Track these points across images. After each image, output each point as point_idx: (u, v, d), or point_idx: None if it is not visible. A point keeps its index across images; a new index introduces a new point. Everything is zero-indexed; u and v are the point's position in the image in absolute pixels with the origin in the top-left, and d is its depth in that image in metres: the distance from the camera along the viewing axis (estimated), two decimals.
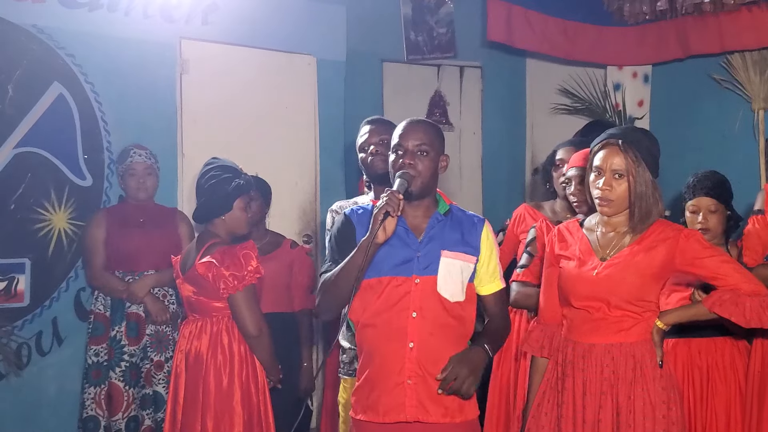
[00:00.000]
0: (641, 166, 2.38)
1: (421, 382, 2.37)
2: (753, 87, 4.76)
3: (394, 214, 2.26)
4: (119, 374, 3.82)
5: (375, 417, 2.39)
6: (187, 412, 3.15)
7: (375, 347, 2.41)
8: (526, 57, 6.08)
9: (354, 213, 2.51)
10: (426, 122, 2.55)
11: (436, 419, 2.37)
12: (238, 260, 3.09)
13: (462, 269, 2.43)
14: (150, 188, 4.06)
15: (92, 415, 3.82)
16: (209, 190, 3.18)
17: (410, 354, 2.37)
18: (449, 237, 2.45)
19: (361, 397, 2.45)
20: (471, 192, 6.05)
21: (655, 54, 5.14)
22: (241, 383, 3.16)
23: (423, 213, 2.47)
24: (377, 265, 2.39)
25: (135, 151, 4.03)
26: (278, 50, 4.94)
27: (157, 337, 3.91)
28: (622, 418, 2.34)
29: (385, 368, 2.39)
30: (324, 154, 5.11)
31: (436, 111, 5.92)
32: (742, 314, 2.33)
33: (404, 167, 2.41)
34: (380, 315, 2.40)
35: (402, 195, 2.31)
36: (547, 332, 2.55)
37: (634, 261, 2.38)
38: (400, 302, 2.38)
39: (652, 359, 2.37)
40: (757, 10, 4.52)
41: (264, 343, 3.18)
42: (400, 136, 2.47)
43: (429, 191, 2.47)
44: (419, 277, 2.39)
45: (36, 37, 4.08)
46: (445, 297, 2.40)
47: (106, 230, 3.95)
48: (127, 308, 3.88)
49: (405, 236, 2.43)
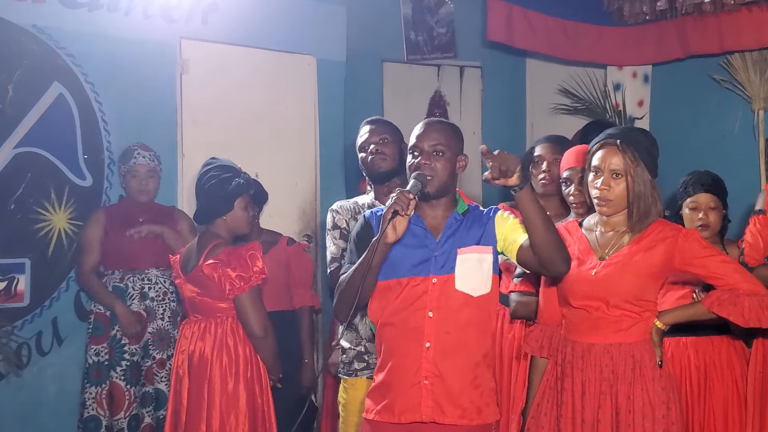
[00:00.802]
0: (639, 166, 2.38)
1: (438, 382, 2.36)
2: (753, 87, 4.76)
3: (403, 213, 2.25)
4: (120, 373, 3.83)
5: (390, 417, 2.38)
6: (191, 413, 3.15)
7: (392, 346, 2.41)
8: (526, 57, 6.08)
9: (373, 215, 2.51)
10: (443, 122, 2.54)
11: (453, 421, 2.35)
12: (245, 261, 3.09)
13: (480, 261, 2.41)
14: (152, 190, 4.07)
15: (93, 414, 3.82)
16: (210, 191, 3.18)
17: (427, 354, 2.36)
18: (467, 236, 2.44)
19: (376, 398, 2.43)
20: (471, 192, 6.04)
21: (655, 54, 5.14)
22: (247, 384, 3.17)
23: (442, 213, 2.47)
24: (396, 266, 2.40)
25: (139, 152, 4.03)
26: (278, 50, 4.93)
27: (159, 335, 3.91)
28: (621, 418, 2.34)
29: (402, 368, 2.38)
30: (324, 154, 5.10)
31: (436, 111, 5.91)
32: (741, 314, 2.34)
33: (420, 168, 2.41)
34: (398, 314, 2.39)
35: (414, 195, 2.29)
36: (547, 332, 2.55)
37: (632, 260, 2.38)
38: (418, 302, 2.38)
39: (651, 359, 2.37)
40: (757, 10, 4.52)
41: (269, 344, 3.19)
42: (417, 137, 2.46)
43: (446, 191, 2.46)
44: (436, 276, 2.39)
45: (36, 37, 4.08)
46: (467, 292, 2.39)
47: (104, 229, 3.96)
48: (128, 306, 3.88)
49: (423, 237, 2.43)
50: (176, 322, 3.94)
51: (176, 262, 3.32)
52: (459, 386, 2.36)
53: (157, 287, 3.95)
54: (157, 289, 3.95)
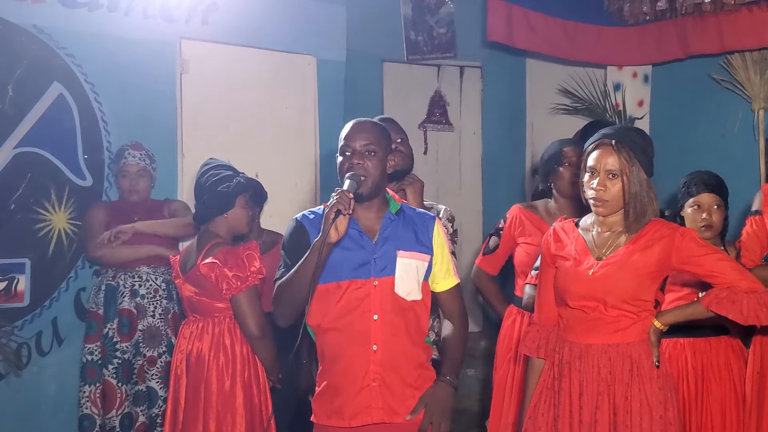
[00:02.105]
0: (635, 166, 2.38)
1: (385, 384, 2.39)
2: (753, 87, 4.75)
3: (345, 212, 2.26)
4: (112, 371, 3.83)
5: (341, 422, 2.41)
6: (188, 413, 3.15)
7: (338, 351, 2.42)
8: (526, 57, 6.08)
9: (305, 218, 2.50)
10: (372, 122, 2.52)
11: (401, 420, 2.40)
12: (242, 261, 3.09)
13: (418, 268, 2.46)
14: (142, 190, 4.06)
15: (87, 413, 3.83)
16: (211, 188, 3.18)
17: (374, 356, 2.39)
18: (403, 236, 2.46)
19: (324, 402, 2.46)
20: (471, 192, 6.06)
21: (655, 54, 5.13)
22: (244, 384, 3.17)
23: (375, 214, 2.48)
24: (335, 269, 2.40)
25: (129, 152, 4.03)
26: (278, 50, 4.94)
27: (150, 332, 3.91)
28: (619, 418, 2.34)
29: (350, 372, 2.40)
30: (324, 154, 5.11)
31: (436, 111, 5.92)
32: (740, 312, 2.33)
33: (353, 168, 2.40)
34: (342, 318, 2.41)
35: (353, 195, 2.30)
36: (543, 333, 2.55)
37: (630, 260, 2.38)
38: (361, 305, 2.40)
39: (649, 359, 2.37)
40: (757, 10, 4.51)
41: (266, 344, 3.18)
42: (347, 137, 2.45)
43: (379, 191, 2.47)
44: (377, 279, 2.41)
45: (36, 37, 4.09)
46: (402, 296, 2.42)
47: (107, 216, 3.98)
48: (119, 304, 3.88)
49: (359, 238, 2.43)
50: (167, 319, 3.94)
51: (176, 262, 3.33)
52: (404, 386, 2.42)
53: (148, 284, 3.94)
54: (148, 287, 3.94)
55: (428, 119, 5.91)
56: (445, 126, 5.92)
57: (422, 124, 5.88)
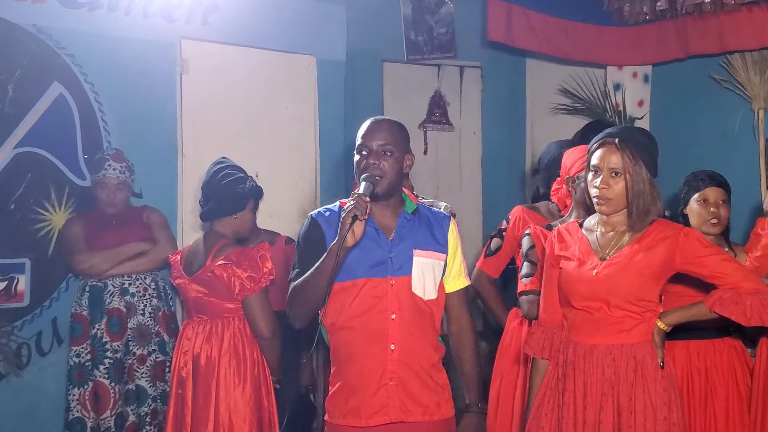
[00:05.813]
0: (638, 165, 2.38)
1: (401, 382, 2.39)
2: (753, 87, 4.75)
3: (362, 217, 2.26)
4: (104, 372, 3.80)
5: (357, 421, 2.40)
6: (197, 415, 3.14)
7: (354, 350, 2.41)
8: (526, 57, 6.07)
9: (320, 215, 2.50)
10: (390, 121, 2.51)
11: (416, 418, 2.40)
12: (255, 262, 3.09)
13: (434, 267, 2.46)
14: (119, 203, 4.00)
15: (78, 416, 3.80)
16: (226, 187, 3.19)
17: (392, 356, 2.39)
18: (419, 235, 2.46)
19: (339, 402, 2.44)
20: (471, 192, 6.05)
21: (655, 54, 5.13)
22: (254, 386, 3.17)
23: (391, 212, 2.48)
24: (351, 267, 2.39)
25: (110, 163, 3.94)
26: (278, 50, 4.93)
27: (140, 330, 3.88)
28: (623, 419, 2.34)
29: (366, 371, 2.40)
30: (324, 154, 5.11)
31: (436, 111, 5.91)
32: (743, 313, 2.33)
33: (369, 168, 2.40)
34: (358, 317, 2.40)
35: (369, 199, 2.30)
36: (548, 333, 2.54)
37: (633, 260, 2.38)
38: (379, 304, 2.39)
39: (653, 360, 2.37)
40: (757, 10, 4.50)
41: (275, 345, 3.19)
42: (364, 136, 2.45)
43: (395, 191, 2.47)
44: (394, 278, 2.40)
45: (36, 37, 4.08)
46: (419, 295, 2.42)
47: (83, 229, 3.94)
48: (108, 304, 3.86)
49: (376, 237, 2.43)
50: (158, 318, 3.92)
51: (177, 262, 3.31)
52: (420, 385, 2.41)
53: (137, 283, 3.93)
54: (137, 285, 3.92)
55: (428, 119, 5.91)
56: (445, 126, 5.92)
57: (422, 124, 5.87)
